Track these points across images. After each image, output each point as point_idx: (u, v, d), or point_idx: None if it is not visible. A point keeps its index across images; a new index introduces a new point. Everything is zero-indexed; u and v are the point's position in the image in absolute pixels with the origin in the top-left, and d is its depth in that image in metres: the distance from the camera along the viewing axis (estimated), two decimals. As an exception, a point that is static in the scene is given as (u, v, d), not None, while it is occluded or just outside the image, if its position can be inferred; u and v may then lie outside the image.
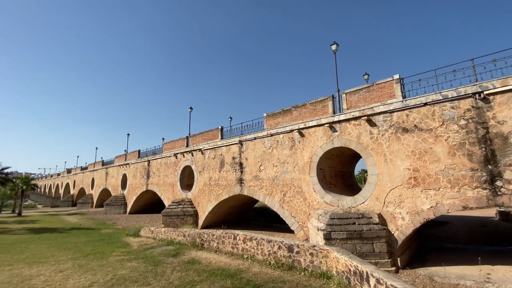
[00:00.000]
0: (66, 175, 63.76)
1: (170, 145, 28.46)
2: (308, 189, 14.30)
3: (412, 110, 11.22)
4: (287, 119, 16.43)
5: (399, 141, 11.43)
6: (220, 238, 12.35)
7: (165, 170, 27.91)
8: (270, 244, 10.06)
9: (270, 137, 16.92)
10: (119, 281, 8.36)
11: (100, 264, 10.54)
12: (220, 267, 9.51)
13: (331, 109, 14.26)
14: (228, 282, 7.97)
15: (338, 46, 16.05)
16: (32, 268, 10.07)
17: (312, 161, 14.37)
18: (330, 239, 10.49)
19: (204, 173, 22.02)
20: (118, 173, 38.69)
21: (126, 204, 34.86)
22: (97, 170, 46.57)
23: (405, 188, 11.00)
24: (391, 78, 12.20)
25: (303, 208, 14.40)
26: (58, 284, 8.23)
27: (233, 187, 19.02)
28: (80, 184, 53.93)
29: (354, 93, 13.48)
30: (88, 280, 8.48)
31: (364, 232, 10.58)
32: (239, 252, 11.25)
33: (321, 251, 8.68)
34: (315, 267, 8.63)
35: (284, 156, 15.95)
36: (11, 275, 9.17)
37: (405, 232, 10.72)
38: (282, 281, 7.97)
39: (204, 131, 23.67)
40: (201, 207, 21.76)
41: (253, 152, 17.99)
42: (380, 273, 6.27)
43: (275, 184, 16.16)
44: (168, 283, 8.11)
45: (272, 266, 9.30)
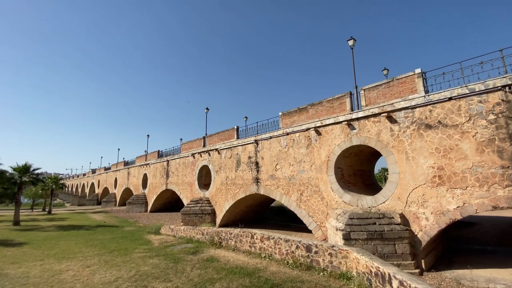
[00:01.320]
0: (91, 175, 67.00)
1: (187, 145, 29.08)
2: (326, 189, 14.07)
3: (436, 105, 10.71)
4: (303, 117, 16.24)
5: (422, 138, 10.96)
6: (237, 237, 12.46)
7: (184, 170, 28.55)
8: (287, 243, 10.01)
9: (286, 136, 16.82)
10: (142, 277, 8.66)
11: (124, 260, 10.98)
12: (238, 266, 9.59)
13: (348, 106, 13.93)
14: (247, 281, 8.02)
15: (355, 41, 15.66)
16: (62, 263, 10.68)
17: (329, 159, 14.12)
18: (350, 240, 10.27)
19: (221, 173, 22.29)
20: (139, 173, 40.08)
21: (147, 202, 36.06)
22: (119, 170, 48.53)
23: (429, 187, 10.54)
24: (412, 72, 11.71)
25: (321, 207, 14.19)
26: (85, 279, 8.66)
27: (249, 186, 19.10)
28: (104, 184, 56.46)
29: (373, 89, 13.08)
30: (113, 276, 8.86)
31: (385, 232, 10.26)
32: (256, 251, 11.28)
33: (340, 251, 8.51)
34: (334, 267, 8.48)
35: (300, 155, 15.79)
36: (43, 270, 9.77)
37: (430, 233, 10.27)
38: (300, 281, 7.90)
39: (220, 131, 23.96)
40: (218, 206, 22.05)
41: (269, 151, 17.97)
42: (403, 275, 6.05)
43: (291, 183, 16.04)
44: (188, 280, 8.29)
45: (290, 265, 9.25)
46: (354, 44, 15.63)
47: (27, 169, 27.33)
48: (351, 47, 15.64)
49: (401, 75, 12.15)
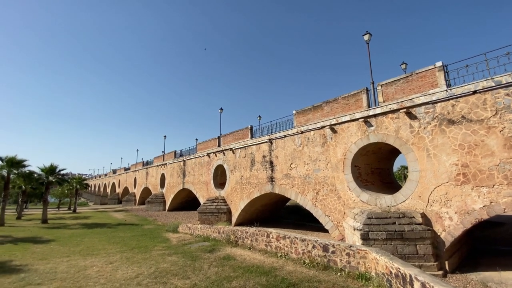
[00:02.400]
0: (112, 175, 69.68)
1: (203, 145, 29.53)
2: (343, 187, 13.82)
3: (459, 99, 10.21)
4: (318, 115, 16.02)
5: (444, 134, 10.49)
6: (253, 236, 12.51)
7: (199, 169, 29.04)
8: (304, 243, 9.94)
9: (300, 134, 16.66)
10: (161, 273, 8.92)
11: (144, 257, 11.35)
12: (254, 264, 9.64)
13: (365, 102, 13.58)
14: (263, 279, 8.05)
15: (371, 36, 15.24)
16: (86, 260, 11.20)
17: (346, 158, 13.85)
18: (368, 240, 10.03)
19: (236, 172, 22.46)
20: (157, 172, 41.20)
21: (165, 201, 37.01)
22: (138, 170, 50.13)
23: (452, 185, 10.08)
24: (432, 66, 11.23)
25: (338, 207, 13.96)
26: (109, 274, 9.04)
27: (264, 185, 19.12)
28: (124, 184, 58.55)
29: (390, 84, 12.67)
30: (135, 272, 9.18)
31: (405, 232, 9.93)
32: (272, 250, 11.29)
33: (358, 251, 8.33)
34: (352, 268, 8.33)
35: (315, 154, 15.60)
36: (69, 266, 10.30)
37: (454, 233, 9.83)
38: (317, 280, 7.82)
39: (234, 131, 24.13)
40: (234, 205, 22.24)
41: (283, 150, 17.89)
42: (426, 276, 5.84)
43: (307, 182, 15.89)
44: (206, 277, 8.44)
45: (307, 265, 9.18)
46: (369, 39, 15.23)
47: (53, 170, 28.86)
48: (367, 42, 15.24)
49: (420, 69, 11.68)
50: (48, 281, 8.42)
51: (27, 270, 9.69)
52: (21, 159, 25.91)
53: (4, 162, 25.10)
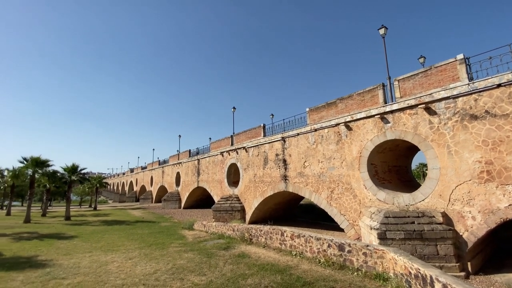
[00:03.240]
0: (129, 174, 71.86)
1: (216, 144, 29.85)
2: (358, 186, 13.55)
3: (482, 93, 9.73)
4: (332, 112, 15.76)
5: (466, 130, 10.04)
6: (267, 234, 12.54)
7: (213, 168, 29.39)
8: (319, 242, 9.85)
9: (314, 132, 16.47)
10: (178, 270, 9.13)
11: (162, 254, 11.66)
12: (269, 262, 9.67)
13: (381, 98, 13.22)
14: (278, 277, 8.05)
15: (386, 30, 14.79)
16: (107, 255, 11.64)
17: (361, 156, 13.55)
18: (385, 239, 9.79)
19: (249, 170, 22.54)
20: (173, 171, 42.09)
21: (181, 199, 37.78)
22: (154, 169, 51.42)
23: (475, 183, 9.63)
24: (453, 58, 10.75)
25: (353, 205, 13.71)
26: (128, 270, 9.36)
27: (277, 183, 19.08)
28: (141, 182, 60.24)
29: (408, 79, 12.26)
30: (153, 268, 9.45)
31: (425, 232, 9.61)
32: (287, 248, 11.27)
33: (375, 251, 8.16)
34: (369, 267, 8.17)
35: (330, 152, 15.37)
36: (91, 261, 10.74)
37: (477, 233, 9.41)
38: (333, 280, 7.74)
39: (247, 130, 24.21)
40: (247, 203, 22.36)
41: (297, 148, 17.75)
42: (448, 278, 5.64)
43: (321, 181, 15.70)
44: (221, 274, 8.56)
45: (322, 264, 9.10)
46: (385, 33, 14.77)
47: (75, 169, 30.16)
48: (383, 36, 14.80)
49: (440, 62, 11.22)
50: (72, 276, 8.83)
51: (52, 265, 10.19)
52: (45, 159, 27.24)
53: (29, 162, 26.50)
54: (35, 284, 8.02)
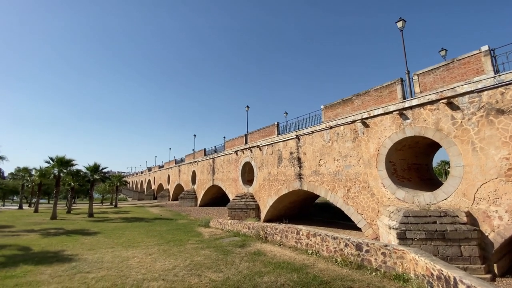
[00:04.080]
0: (147, 172, 74.07)
1: (230, 143, 30.11)
2: (376, 184, 13.23)
3: (509, 86, 9.18)
4: (348, 109, 15.45)
5: (492, 126, 9.53)
6: (283, 232, 12.53)
7: (228, 167, 29.68)
8: (335, 241, 9.73)
9: (329, 129, 16.22)
10: (196, 266, 9.34)
11: (179, 250, 11.96)
12: (285, 261, 9.66)
13: (400, 94, 12.80)
14: (294, 276, 8.04)
15: (405, 23, 14.27)
16: (128, 251, 12.09)
17: (379, 153, 13.21)
18: (405, 239, 9.52)
19: (263, 169, 22.57)
20: (189, 170, 42.93)
21: (196, 197, 38.50)
22: (171, 168, 52.68)
23: (502, 181, 9.13)
24: (477, 50, 10.22)
25: (371, 204, 13.41)
26: (148, 265, 9.68)
27: (292, 182, 18.98)
28: (158, 180, 61.93)
29: (428, 73, 11.79)
30: (171, 264, 9.72)
31: (448, 232, 9.25)
32: (303, 247, 11.21)
33: (395, 251, 7.95)
34: (388, 268, 7.98)
35: (346, 149, 15.09)
36: (113, 256, 11.19)
37: (504, 234, 8.93)
38: (351, 279, 7.62)
39: (260, 128, 24.23)
40: (262, 201, 22.42)
41: (311, 146, 17.56)
42: (472, 279, 5.41)
43: (337, 179, 15.46)
44: (238, 271, 8.66)
45: (339, 263, 8.98)
46: (403, 26, 14.26)
47: (97, 168, 31.44)
48: (400, 29, 14.30)
49: (463, 54, 10.70)
50: (96, 270, 9.24)
51: (77, 260, 10.71)
52: (70, 159, 28.59)
53: (55, 162, 27.93)
54: (62, 278, 8.46)
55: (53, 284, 7.86)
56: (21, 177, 43.52)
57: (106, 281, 8.08)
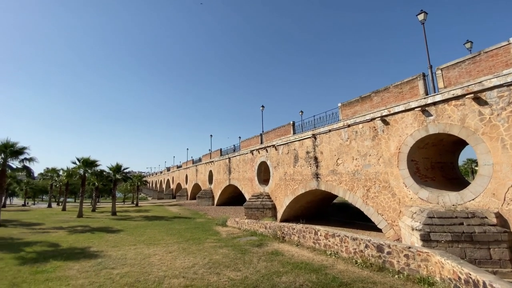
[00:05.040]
0: (166, 172, 76.08)
1: (246, 143, 30.25)
2: (397, 184, 12.79)
3: (546, 79, 8.55)
4: (366, 106, 15.04)
5: (525, 121, 8.91)
6: (300, 232, 12.42)
7: (244, 166, 29.85)
8: (355, 242, 9.51)
9: (347, 128, 15.87)
10: (214, 264, 9.48)
11: (198, 248, 12.19)
12: (303, 261, 9.58)
13: (422, 90, 12.29)
14: (313, 277, 7.95)
15: (426, 15, 13.67)
16: (150, 248, 12.49)
17: (400, 152, 12.76)
18: (429, 241, 9.14)
19: (279, 168, 22.48)
20: (205, 170, 43.63)
21: (213, 197, 39.06)
22: (189, 168, 53.78)
23: (538, 181, 8.52)
24: (506, 42, 9.60)
25: (392, 204, 12.98)
26: (169, 263, 9.95)
27: (309, 182, 18.76)
28: (177, 180, 63.42)
29: (453, 67, 11.22)
30: (191, 262, 9.94)
31: (476, 234, 8.78)
32: (321, 247, 11.06)
33: (419, 253, 7.65)
34: (411, 270, 7.69)
35: (365, 148, 14.71)
36: (136, 253, 11.61)
37: (541, 237, 8.33)
38: (372, 282, 7.43)
39: (276, 128, 24.15)
40: (278, 201, 22.35)
41: (329, 145, 17.27)
42: (503, 284, 5.10)
43: (356, 179, 15.10)
44: (256, 271, 8.70)
45: (359, 265, 8.77)
46: (425, 18, 13.66)
47: (119, 169, 32.74)
48: (422, 22, 13.71)
49: (490, 47, 10.08)
50: (120, 266, 9.63)
51: (102, 256, 11.22)
52: (94, 160, 29.96)
53: (81, 162, 29.37)
54: (89, 273, 8.89)
55: (80, 279, 8.28)
56: (49, 177, 46.22)
57: (130, 277, 8.39)
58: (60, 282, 8.01)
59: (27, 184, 52.13)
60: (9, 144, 21.76)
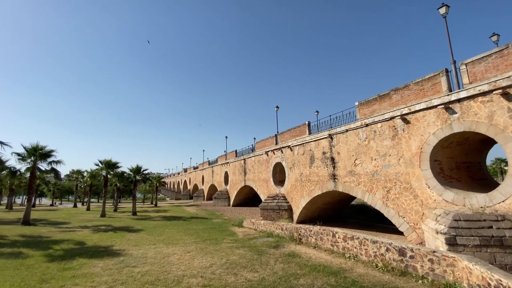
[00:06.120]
0: (183, 173, 77.65)
1: (261, 144, 30.25)
2: (420, 185, 12.28)
3: None
4: (385, 105, 14.59)
5: (562, 118, 8.28)
6: (318, 234, 12.24)
7: (259, 167, 29.86)
8: (375, 245, 9.23)
9: (365, 127, 15.46)
10: (231, 265, 9.54)
11: (215, 249, 12.33)
12: (321, 264, 9.43)
13: (445, 86, 11.74)
14: (332, 280, 7.80)
15: (448, 8, 13.07)
16: (169, 248, 12.78)
17: (422, 151, 12.25)
18: (455, 245, 8.68)
19: (295, 169, 22.28)
20: (221, 171, 44.09)
21: (229, 197, 39.38)
22: (205, 169, 54.57)
23: None
24: (541, 32, 8.95)
25: (414, 207, 12.48)
26: (187, 262, 10.13)
27: (325, 183, 18.45)
28: (194, 181, 64.56)
29: (478, 62, 10.64)
30: (208, 262, 10.06)
31: (507, 238, 8.23)
32: (339, 250, 10.83)
33: (444, 258, 7.29)
34: (437, 276, 7.34)
35: (384, 148, 14.26)
36: (156, 252, 11.92)
37: None
38: (394, 286, 7.16)
39: (291, 128, 23.97)
40: (294, 202, 22.14)
41: (346, 146, 16.90)
42: (542, 295, 4.75)
43: (375, 180, 14.66)
44: (273, 272, 8.66)
45: (380, 269, 8.50)
46: (447, 12, 13.06)
47: (139, 170, 33.83)
48: (444, 15, 13.12)
49: (522, 38, 9.45)
50: (141, 265, 9.93)
51: (124, 254, 11.61)
52: (115, 162, 31.16)
53: (103, 164, 30.64)
54: (112, 271, 9.22)
55: (104, 277, 8.61)
56: (75, 179, 48.61)
57: (150, 275, 8.63)
58: (86, 279, 8.37)
59: (55, 185, 55.10)
60: (38, 147, 23.12)
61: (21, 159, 22.79)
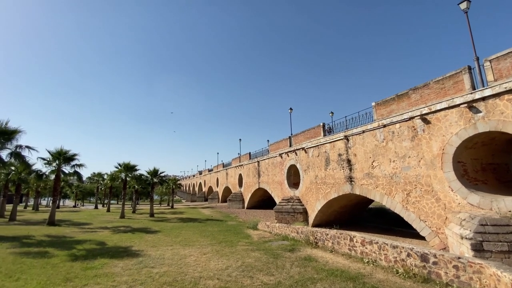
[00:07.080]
0: (198, 176, 78.81)
1: (275, 146, 30.16)
2: (442, 188, 11.77)
3: None
4: (404, 105, 14.14)
5: None
6: (334, 238, 12.00)
7: (273, 170, 29.75)
8: (395, 250, 8.92)
9: (383, 128, 15.04)
10: (247, 268, 9.55)
11: (231, 251, 12.38)
12: (338, 268, 9.23)
13: (468, 84, 11.23)
14: (350, 285, 7.61)
15: (469, 3, 12.52)
16: (185, 249, 12.98)
17: (444, 152, 11.75)
18: (482, 251, 8.24)
19: (310, 172, 22.01)
20: (235, 173, 44.35)
21: (244, 200, 39.48)
22: (219, 171, 55.12)
23: None
24: None
25: (436, 210, 11.96)
26: (204, 264, 10.25)
27: (341, 185, 18.08)
28: (208, 183, 65.35)
29: (504, 58, 10.09)
30: (224, 264, 10.12)
31: (541, 245, 7.70)
32: (357, 255, 10.56)
33: (470, 264, 6.93)
34: (462, 283, 6.99)
35: (403, 149, 13.80)
36: (173, 254, 12.15)
37: None
38: (416, 293, 6.90)
39: (305, 130, 23.73)
40: (309, 205, 21.84)
41: (363, 147, 16.50)
42: None
43: (394, 182, 14.21)
44: (289, 276, 8.57)
45: (401, 275, 8.20)
46: (468, 7, 12.52)
47: (156, 172, 34.70)
48: (465, 10, 12.58)
49: (553, 32, 8.88)
50: (159, 266, 10.14)
51: (143, 255, 11.90)
52: (134, 164, 32.14)
53: (122, 167, 31.68)
54: (132, 271, 9.49)
55: (124, 276, 8.87)
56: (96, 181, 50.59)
57: (168, 276, 8.79)
58: (107, 278, 8.65)
59: (77, 188, 57.60)
60: (62, 151, 24.31)
61: (47, 163, 24.04)
